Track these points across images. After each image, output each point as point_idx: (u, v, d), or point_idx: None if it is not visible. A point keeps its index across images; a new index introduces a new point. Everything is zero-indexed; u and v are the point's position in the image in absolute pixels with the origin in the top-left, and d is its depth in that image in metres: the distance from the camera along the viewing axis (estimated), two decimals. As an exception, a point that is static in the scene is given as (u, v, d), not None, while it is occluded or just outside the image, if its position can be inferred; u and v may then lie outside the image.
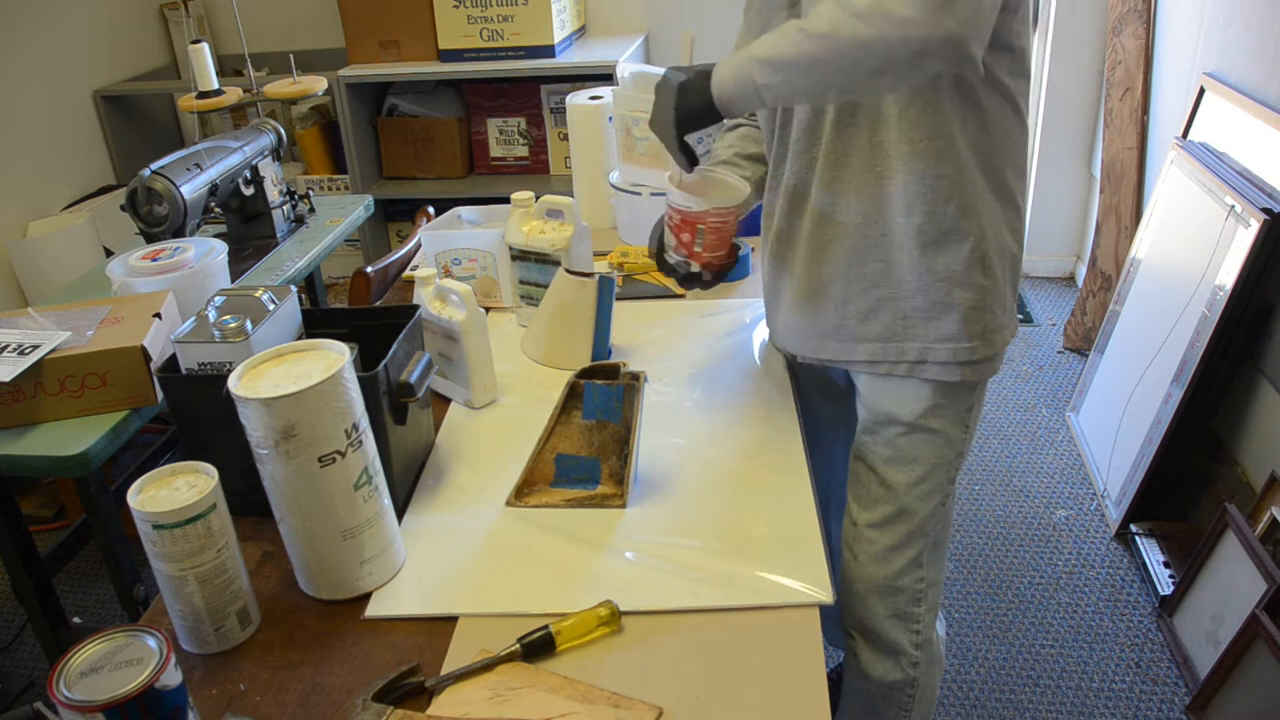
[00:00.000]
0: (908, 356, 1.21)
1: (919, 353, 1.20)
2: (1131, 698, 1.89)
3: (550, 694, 0.87)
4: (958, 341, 1.19)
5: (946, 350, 1.19)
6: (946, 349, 1.19)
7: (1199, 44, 2.49)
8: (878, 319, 1.21)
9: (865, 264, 1.18)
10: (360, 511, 0.97)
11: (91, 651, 0.76)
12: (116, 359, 1.38)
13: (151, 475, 0.92)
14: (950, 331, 1.18)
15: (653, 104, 1.16)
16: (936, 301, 1.17)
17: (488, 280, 1.63)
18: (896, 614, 1.34)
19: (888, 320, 1.20)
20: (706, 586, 1.00)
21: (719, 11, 3.34)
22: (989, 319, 1.19)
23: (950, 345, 1.19)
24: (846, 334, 1.23)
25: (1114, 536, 2.31)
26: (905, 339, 1.20)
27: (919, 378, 1.21)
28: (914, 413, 1.24)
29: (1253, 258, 1.94)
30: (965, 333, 1.18)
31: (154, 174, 1.77)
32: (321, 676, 0.92)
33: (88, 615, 2.28)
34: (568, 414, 1.15)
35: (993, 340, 1.20)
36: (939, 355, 1.19)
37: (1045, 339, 3.22)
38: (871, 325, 1.21)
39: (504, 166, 3.44)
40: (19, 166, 2.90)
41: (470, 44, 3.07)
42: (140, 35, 3.49)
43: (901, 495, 1.28)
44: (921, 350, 1.20)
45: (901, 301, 1.18)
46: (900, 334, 1.20)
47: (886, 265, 1.17)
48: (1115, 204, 2.95)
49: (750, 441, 1.25)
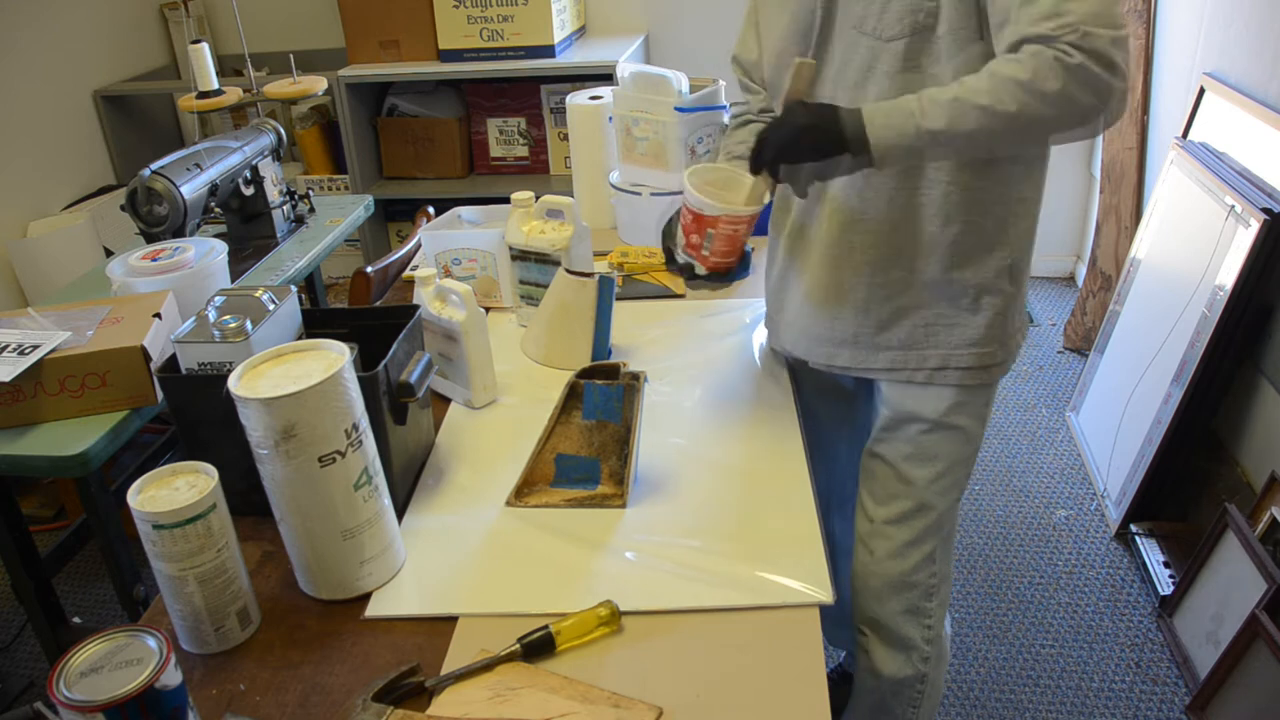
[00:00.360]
0: (928, 364, 1.21)
1: (941, 359, 1.20)
2: (1131, 698, 1.89)
3: (550, 694, 0.87)
4: (980, 347, 1.19)
5: (970, 356, 1.19)
6: (970, 355, 1.19)
7: (1199, 44, 2.49)
8: (899, 327, 1.20)
9: (890, 271, 1.18)
10: (360, 511, 0.97)
11: (91, 651, 0.76)
12: (116, 359, 1.38)
13: (151, 475, 0.92)
14: (974, 337, 1.19)
15: (778, 119, 1.10)
16: (963, 309, 1.17)
17: (488, 280, 1.63)
18: (910, 609, 1.35)
19: (909, 329, 1.20)
20: (706, 586, 1.00)
21: (719, 11, 3.34)
22: (1008, 324, 1.20)
23: (974, 350, 1.19)
24: (864, 343, 1.23)
25: (1114, 536, 2.31)
26: (926, 346, 1.20)
27: (939, 384, 1.22)
28: (938, 411, 1.24)
29: (1253, 258, 1.94)
30: (987, 338, 1.19)
31: (154, 174, 1.77)
32: (321, 676, 0.92)
33: (88, 615, 2.28)
34: (568, 414, 1.15)
35: (1008, 344, 1.22)
36: (961, 361, 1.20)
37: (1045, 339, 3.22)
38: (892, 334, 1.21)
39: (504, 166, 3.44)
40: (19, 166, 2.89)
41: (470, 44, 3.07)
42: (140, 35, 3.49)
43: (921, 491, 1.29)
44: (944, 357, 1.20)
45: (925, 310, 1.18)
46: (921, 341, 1.20)
47: (911, 274, 1.17)
48: (1115, 204, 2.95)
49: (750, 441, 1.25)
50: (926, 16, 1.04)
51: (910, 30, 1.05)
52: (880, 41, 1.07)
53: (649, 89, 1.75)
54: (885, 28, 1.06)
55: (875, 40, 1.07)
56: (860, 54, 1.09)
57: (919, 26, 1.05)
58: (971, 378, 1.21)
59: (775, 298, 1.34)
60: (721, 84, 1.79)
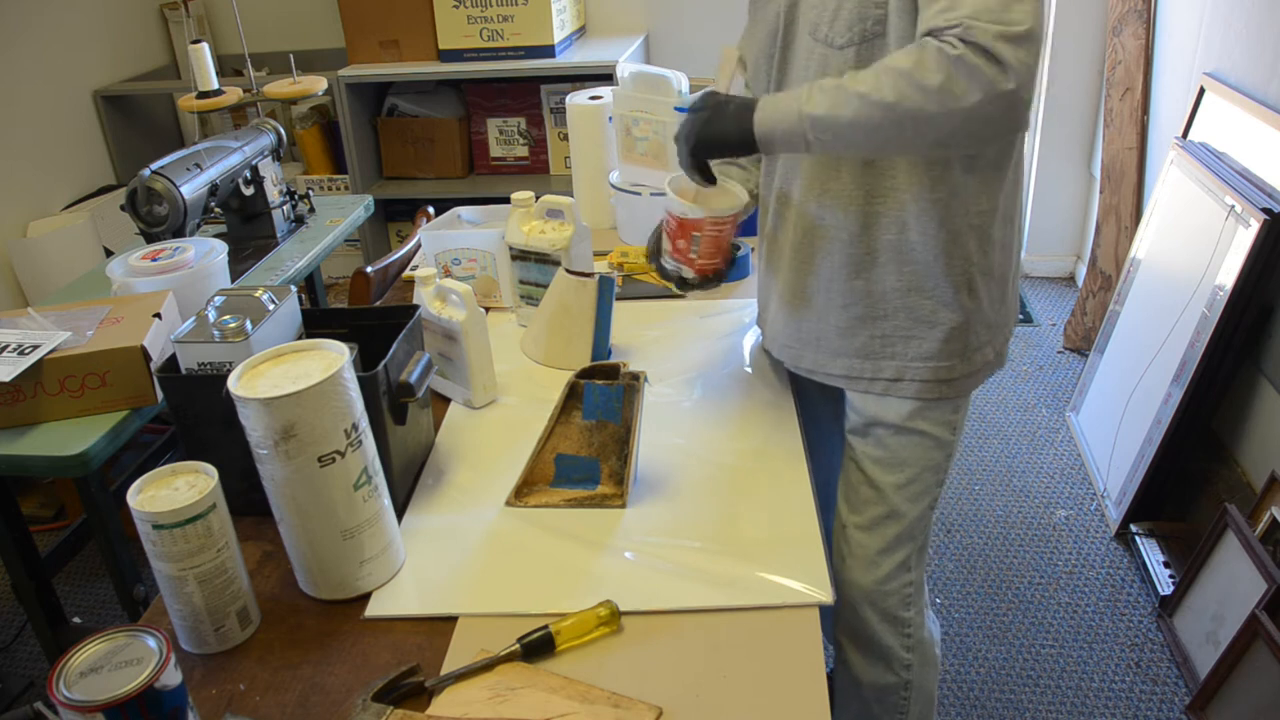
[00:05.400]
0: (884, 374, 1.21)
1: (896, 371, 1.20)
2: (1131, 698, 1.89)
3: (550, 694, 0.87)
4: (937, 361, 1.18)
5: (925, 369, 1.19)
6: (925, 368, 1.19)
7: (1199, 44, 2.49)
8: (856, 336, 1.20)
9: (848, 280, 1.18)
10: (360, 511, 0.97)
11: (91, 651, 0.76)
12: (116, 359, 1.38)
13: (151, 475, 0.92)
14: (930, 351, 1.18)
15: (685, 118, 1.14)
16: (920, 320, 1.17)
17: (488, 280, 1.63)
18: (886, 618, 1.34)
19: (865, 338, 1.20)
20: (706, 586, 1.00)
21: (719, 11, 3.34)
22: (970, 338, 1.19)
23: (930, 364, 1.18)
24: (825, 346, 1.24)
25: (1114, 536, 2.31)
26: (882, 357, 1.20)
27: (896, 395, 1.21)
28: (901, 415, 1.23)
29: (1253, 258, 1.94)
30: (944, 352, 1.18)
31: (154, 174, 1.77)
32: (321, 676, 0.92)
33: (88, 615, 2.28)
34: (568, 414, 1.15)
35: (972, 359, 1.20)
36: (917, 374, 1.19)
37: (1045, 339, 3.22)
38: (850, 341, 1.21)
39: (504, 166, 3.44)
40: (19, 166, 2.90)
41: (470, 44, 3.07)
42: (140, 35, 3.49)
43: (890, 497, 1.28)
44: (899, 369, 1.20)
45: (881, 321, 1.18)
46: (877, 352, 1.20)
47: (868, 284, 1.17)
48: (1115, 204, 2.95)
49: (750, 441, 1.25)
50: (874, 24, 1.05)
51: (860, 38, 1.06)
52: (832, 49, 1.08)
53: (649, 89, 1.75)
54: (836, 35, 1.07)
55: (828, 47, 1.09)
56: (815, 60, 1.11)
57: (868, 34, 1.05)
58: (930, 391, 1.20)
59: (761, 297, 1.35)
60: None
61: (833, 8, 1.07)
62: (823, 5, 1.08)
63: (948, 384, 1.20)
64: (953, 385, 1.21)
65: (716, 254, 1.24)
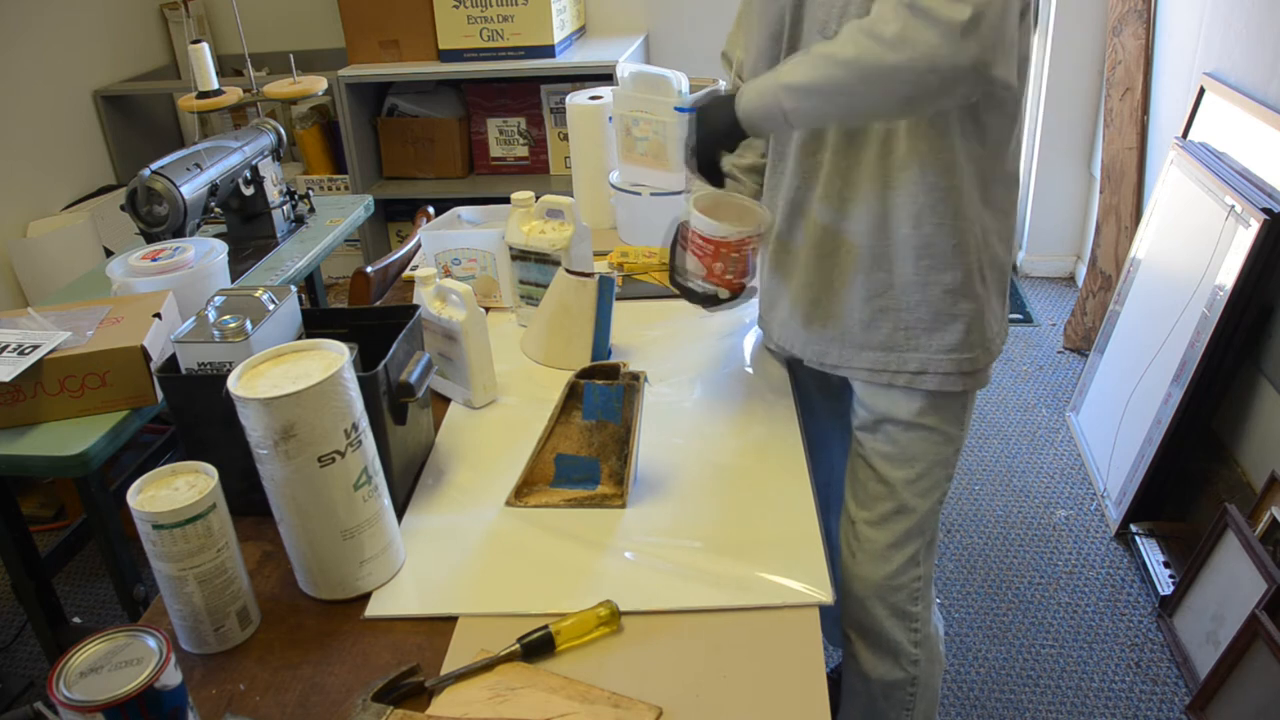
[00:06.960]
0: (908, 367, 1.21)
1: (920, 363, 1.20)
2: (1131, 698, 1.89)
3: (550, 694, 0.87)
4: (961, 352, 1.19)
5: (950, 361, 1.20)
6: (950, 360, 1.20)
7: (1199, 44, 2.49)
8: (879, 329, 1.21)
9: (871, 275, 1.18)
10: (360, 511, 0.97)
11: (91, 651, 0.76)
12: (116, 359, 1.38)
13: (151, 475, 0.92)
14: (954, 342, 1.19)
15: (684, 117, 1.18)
16: (941, 313, 1.18)
17: (488, 280, 1.63)
18: (895, 613, 1.34)
19: (889, 330, 1.20)
20: (706, 586, 1.00)
21: (719, 11, 3.34)
22: (986, 329, 1.20)
23: (954, 356, 1.19)
24: (850, 342, 1.24)
25: (1114, 536, 2.31)
26: (907, 349, 1.20)
27: (918, 388, 1.22)
28: (911, 412, 1.24)
29: (1253, 258, 1.94)
30: (966, 343, 1.19)
31: (154, 174, 1.77)
32: (321, 676, 0.92)
33: (88, 615, 2.28)
34: (568, 414, 1.15)
35: (990, 349, 1.22)
36: (941, 366, 1.20)
37: (1045, 339, 3.22)
38: (873, 334, 1.21)
39: (504, 166, 3.44)
40: (19, 166, 2.90)
41: (470, 44, 3.07)
42: (140, 35, 3.49)
43: (900, 492, 1.29)
44: (923, 361, 1.20)
45: (904, 313, 1.19)
46: (902, 344, 1.20)
47: (890, 276, 1.18)
48: (1115, 204, 2.95)
49: (750, 441, 1.25)
50: None
51: None
52: None
53: (649, 89, 1.75)
54: None
55: None
56: None
57: None
58: (952, 383, 1.21)
59: (767, 296, 1.35)
60: (722, 84, 1.79)
61: (840, 4, 1.06)
62: (830, 3, 1.08)
63: (969, 376, 1.21)
64: (973, 378, 1.22)
65: (749, 269, 1.26)
